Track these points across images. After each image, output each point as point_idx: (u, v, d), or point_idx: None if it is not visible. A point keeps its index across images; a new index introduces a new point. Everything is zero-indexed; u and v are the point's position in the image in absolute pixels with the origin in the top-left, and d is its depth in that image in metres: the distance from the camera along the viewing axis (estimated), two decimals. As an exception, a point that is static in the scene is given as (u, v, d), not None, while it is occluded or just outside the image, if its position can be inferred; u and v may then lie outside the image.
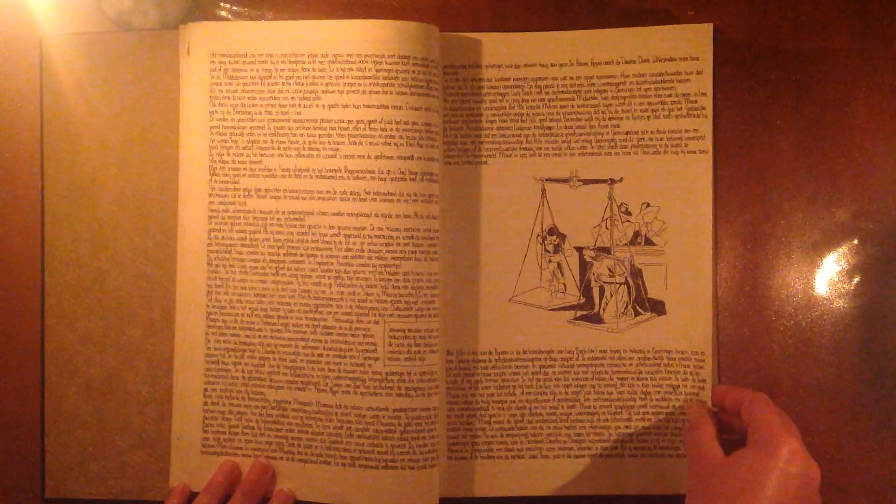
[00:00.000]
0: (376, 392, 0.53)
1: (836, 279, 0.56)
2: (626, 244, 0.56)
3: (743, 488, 0.44)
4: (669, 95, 0.55)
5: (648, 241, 0.55)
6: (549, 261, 0.56)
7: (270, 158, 0.54)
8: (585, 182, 0.55)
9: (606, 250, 0.56)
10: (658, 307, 0.55)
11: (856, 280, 0.56)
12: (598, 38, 0.55)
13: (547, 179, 0.55)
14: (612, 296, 0.56)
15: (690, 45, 0.55)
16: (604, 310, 0.56)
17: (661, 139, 0.55)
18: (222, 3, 0.56)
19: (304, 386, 0.54)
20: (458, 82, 0.55)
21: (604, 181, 0.55)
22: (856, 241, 0.56)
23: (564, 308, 0.56)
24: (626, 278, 0.56)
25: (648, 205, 0.55)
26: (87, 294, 0.56)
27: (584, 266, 0.56)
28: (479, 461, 0.55)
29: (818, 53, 0.56)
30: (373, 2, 0.57)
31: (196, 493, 0.54)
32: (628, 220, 0.55)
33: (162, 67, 0.55)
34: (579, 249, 0.56)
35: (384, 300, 0.53)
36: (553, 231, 0.56)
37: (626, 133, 0.55)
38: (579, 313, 0.56)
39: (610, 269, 0.56)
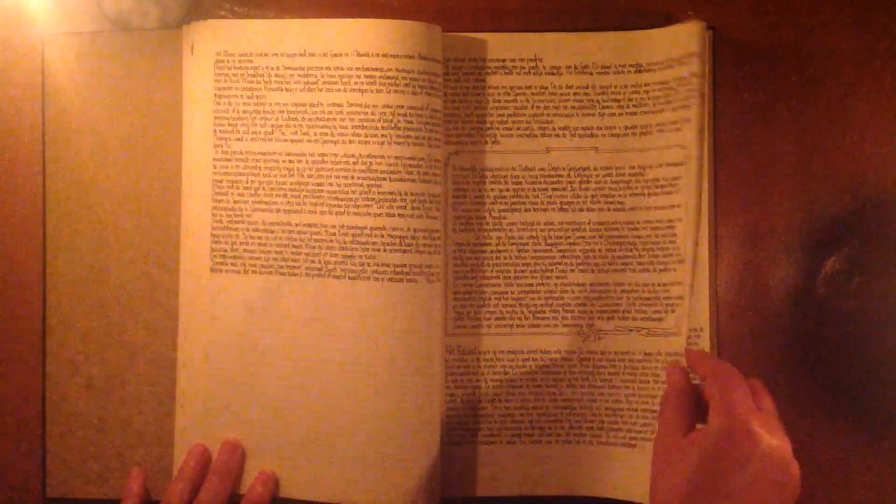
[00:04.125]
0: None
1: (836, 279, 0.56)
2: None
3: (703, 479, 0.40)
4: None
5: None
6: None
7: None
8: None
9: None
10: (658, 307, 0.56)
11: (856, 280, 0.56)
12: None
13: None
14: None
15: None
16: (604, 309, 0.56)
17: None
18: (222, 3, 0.56)
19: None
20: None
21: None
22: (856, 242, 0.56)
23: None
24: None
25: None
26: (89, 293, 0.56)
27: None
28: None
29: (818, 53, 0.56)
30: (373, 1, 0.57)
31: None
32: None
33: (163, 67, 0.55)
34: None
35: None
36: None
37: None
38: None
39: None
